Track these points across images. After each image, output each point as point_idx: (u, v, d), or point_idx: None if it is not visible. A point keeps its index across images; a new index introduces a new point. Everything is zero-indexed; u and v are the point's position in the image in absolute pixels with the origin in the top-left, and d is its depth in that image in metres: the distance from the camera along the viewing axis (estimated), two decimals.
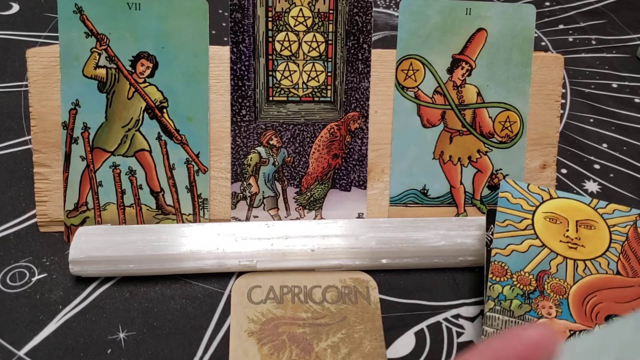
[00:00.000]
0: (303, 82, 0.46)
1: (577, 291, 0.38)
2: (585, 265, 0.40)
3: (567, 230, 0.41)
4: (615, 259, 0.40)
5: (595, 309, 0.37)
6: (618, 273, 0.40)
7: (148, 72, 0.44)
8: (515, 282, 0.38)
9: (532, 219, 0.42)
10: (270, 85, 0.45)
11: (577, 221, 0.42)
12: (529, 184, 0.44)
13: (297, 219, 0.47)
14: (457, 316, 0.42)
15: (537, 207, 0.42)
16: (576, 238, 0.41)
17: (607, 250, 0.41)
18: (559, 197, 0.43)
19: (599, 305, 0.37)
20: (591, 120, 0.60)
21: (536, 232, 0.41)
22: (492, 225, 0.42)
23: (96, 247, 0.41)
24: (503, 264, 0.39)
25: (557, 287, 0.38)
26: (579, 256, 0.40)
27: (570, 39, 0.70)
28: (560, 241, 0.41)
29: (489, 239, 0.41)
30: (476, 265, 0.45)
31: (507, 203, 0.42)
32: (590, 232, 0.41)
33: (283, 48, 0.45)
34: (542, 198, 0.43)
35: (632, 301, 0.38)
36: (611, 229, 0.42)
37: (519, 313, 0.37)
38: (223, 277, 0.43)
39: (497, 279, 0.39)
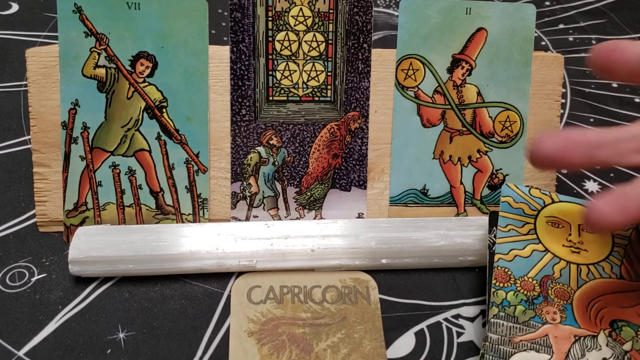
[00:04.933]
0: (303, 82, 0.46)
1: (581, 296, 0.38)
2: (589, 269, 0.40)
3: (570, 235, 0.41)
4: (619, 263, 0.40)
5: (599, 313, 0.37)
6: (621, 277, 0.39)
7: (147, 71, 0.44)
8: (519, 288, 0.38)
9: (535, 224, 0.42)
10: (270, 85, 0.45)
11: (579, 225, 0.42)
12: (530, 188, 0.44)
13: (297, 218, 0.47)
14: (457, 316, 0.42)
15: (539, 211, 0.42)
16: (579, 242, 0.41)
17: (610, 254, 0.40)
18: (560, 201, 0.43)
19: (603, 310, 0.37)
20: (591, 120, 0.60)
21: (539, 236, 0.41)
22: (494, 228, 0.42)
23: (96, 247, 0.41)
24: (506, 270, 0.39)
25: (561, 292, 0.38)
26: (582, 260, 0.40)
27: (571, 39, 0.70)
28: (563, 245, 0.41)
29: (492, 241, 0.41)
30: (476, 265, 0.45)
31: (508, 208, 0.42)
32: (592, 236, 0.41)
33: (283, 48, 0.45)
34: (544, 202, 0.43)
35: (636, 305, 0.38)
36: (613, 233, 0.42)
37: (523, 319, 0.37)
38: (223, 277, 0.43)
39: (501, 284, 0.38)
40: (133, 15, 0.43)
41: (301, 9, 0.45)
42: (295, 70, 0.46)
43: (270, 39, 0.45)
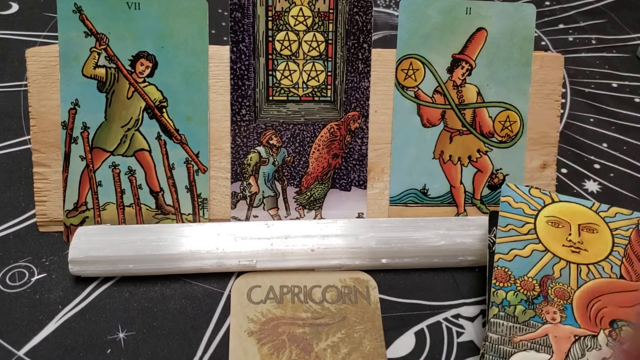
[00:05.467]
0: (303, 82, 0.46)
1: (581, 296, 0.38)
2: (589, 269, 0.40)
3: (570, 234, 0.41)
4: (619, 263, 0.40)
5: (599, 313, 0.37)
6: (621, 277, 0.39)
7: (147, 71, 0.44)
8: (519, 288, 0.38)
9: (535, 223, 0.42)
10: (270, 84, 0.45)
11: (579, 225, 0.42)
12: (530, 188, 0.44)
13: (297, 218, 0.47)
14: (457, 316, 0.42)
15: (539, 211, 0.42)
16: (579, 242, 0.41)
17: (610, 253, 0.41)
18: (560, 201, 0.43)
19: (603, 310, 0.37)
20: (591, 119, 0.60)
21: (539, 236, 0.41)
22: (494, 228, 0.42)
23: (95, 247, 0.41)
24: (506, 269, 0.39)
25: (561, 292, 0.38)
26: (582, 260, 0.40)
27: (570, 39, 0.70)
28: (563, 245, 0.41)
29: (492, 241, 0.41)
30: (476, 265, 0.44)
31: (509, 207, 0.42)
32: (592, 235, 0.41)
33: (283, 47, 0.45)
34: (544, 202, 0.43)
35: (636, 305, 0.38)
36: (613, 232, 0.42)
37: (523, 319, 0.37)
38: (223, 277, 0.43)
39: (501, 284, 0.38)
40: (133, 15, 0.43)
41: (301, 8, 0.45)
42: (295, 70, 0.46)
43: (270, 38, 0.45)
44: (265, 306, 0.41)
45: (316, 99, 0.46)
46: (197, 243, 0.42)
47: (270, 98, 0.46)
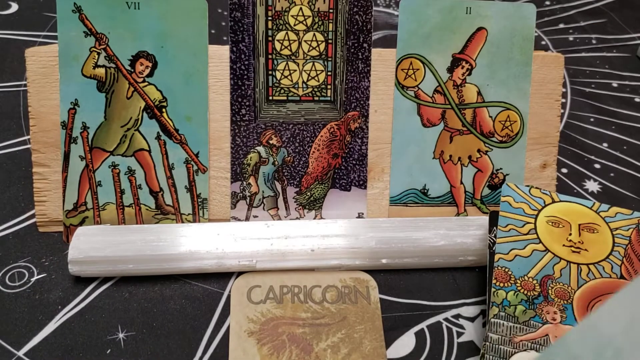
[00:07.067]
0: (303, 82, 0.46)
1: (581, 296, 0.38)
2: (589, 269, 0.39)
3: (570, 234, 0.41)
4: (619, 263, 0.40)
5: None
6: (622, 277, 0.39)
7: (147, 71, 0.44)
8: (519, 288, 0.38)
9: (535, 223, 0.42)
10: (270, 84, 0.45)
11: (579, 225, 0.42)
12: (530, 188, 0.44)
13: (297, 218, 0.47)
14: (457, 316, 0.42)
15: (540, 211, 0.42)
16: (579, 242, 0.41)
17: (610, 253, 0.40)
18: (561, 201, 0.43)
19: None
20: (591, 119, 0.60)
21: (539, 236, 0.41)
22: (494, 228, 0.42)
23: (95, 247, 0.41)
24: (507, 269, 0.39)
25: (561, 292, 0.38)
26: (582, 260, 0.40)
27: (571, 38, 0.70)
28: (564, 245, 0.41)
29: (492, 241, 0.41)
30: (476, 265, 0.44)
31: (509, 207, 0.42)
32: (593, 235, 0.41)
33: (283, 47, 0.45)
34: (544, 202, 0.43)
35: None
36: (614, 232, 0.41)
37: (523, 319, 0.37)
38: (222, 277, 0.43)
39: (501, 284, 0.38)
40: (133, 14, 0.43)
41: (301, 8, 0.45)
42: (295, 70, 0.45)
43: (270, 38, 0.45)
44: (265, 306, 0.41)
45: (316, 98, 0.46)
46: (197, 243, 0.42)
47: (270, 98, 0.46)
